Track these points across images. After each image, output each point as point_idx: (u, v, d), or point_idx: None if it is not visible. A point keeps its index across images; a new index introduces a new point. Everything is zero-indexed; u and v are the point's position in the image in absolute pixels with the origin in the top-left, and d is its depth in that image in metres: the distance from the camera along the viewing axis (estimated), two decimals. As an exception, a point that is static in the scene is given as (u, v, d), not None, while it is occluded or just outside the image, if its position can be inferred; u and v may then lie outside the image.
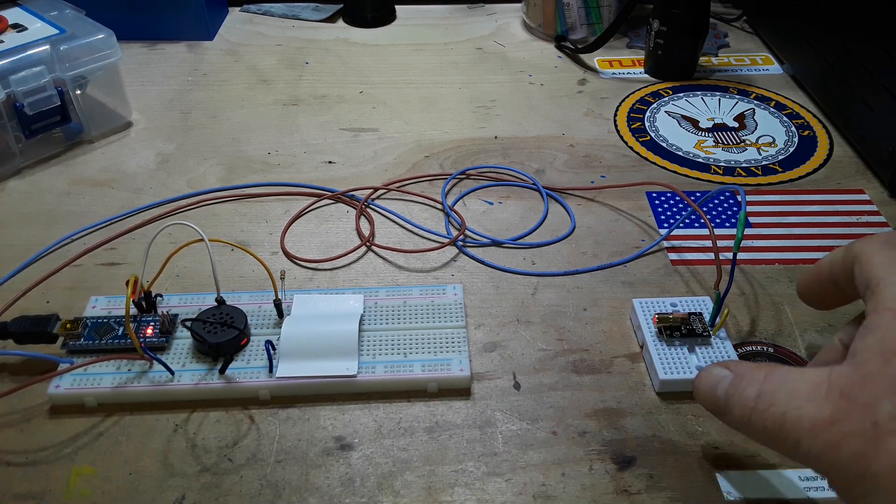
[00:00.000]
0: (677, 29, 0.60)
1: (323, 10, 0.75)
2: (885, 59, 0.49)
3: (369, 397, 0.36)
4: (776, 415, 0.25)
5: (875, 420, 0.22)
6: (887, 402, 0.22)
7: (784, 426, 0.25)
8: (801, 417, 0.24)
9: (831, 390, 0.24)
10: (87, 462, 0.33)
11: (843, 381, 0.24)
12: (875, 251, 0.27)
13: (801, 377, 0.26)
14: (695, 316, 0.38)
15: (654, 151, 0.54)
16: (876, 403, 0.23)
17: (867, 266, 0.27)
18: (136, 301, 0.37)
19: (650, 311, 0.38)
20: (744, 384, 0.28)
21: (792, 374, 0.26)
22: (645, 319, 0.38)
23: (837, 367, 0.25)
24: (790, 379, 0.26)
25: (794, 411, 0.25)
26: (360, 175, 0.51)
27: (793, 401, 0.25)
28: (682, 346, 0.37)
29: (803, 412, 0.24)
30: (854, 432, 0.23)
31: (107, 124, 0.55)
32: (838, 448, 0.23)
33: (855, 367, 0.24)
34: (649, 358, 0.37)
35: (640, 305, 0.39)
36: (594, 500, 0.31)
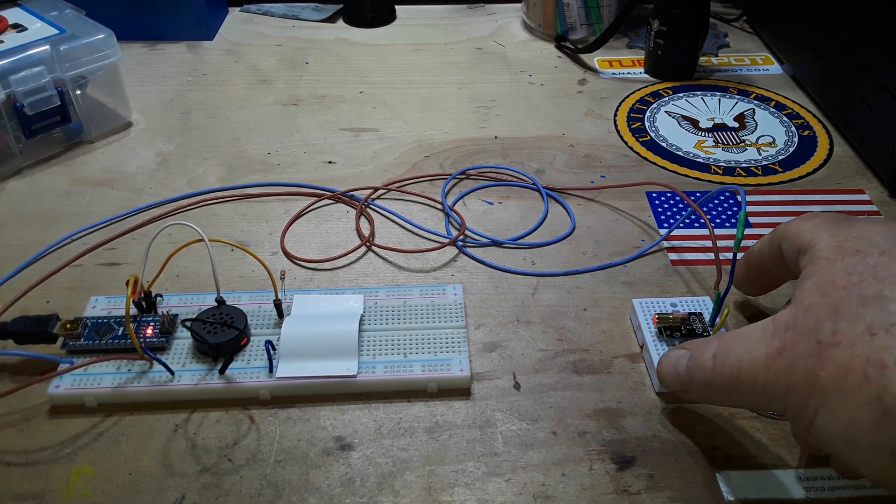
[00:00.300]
0: (677, 29, 0.60)
1: (323, 10, 0.75)
2: (885, 59, 0.49)
3: (369, 397, 0.36)
4: (733, 363, 0.28)
5: (818, 339, 0.25)
6: (828, 322, 0.25)
7: (741, 371, 0.28)
8: (755, 357, 0.27)
9: (777, 327, 0.27)
10: (87, 462, 0.33)
11: (786, 318, 0.27)
12: (799, 224, 0.31)
13: (750, 328, 0.29)
14: (695, 316, 0.38)
15: (654, 151, 0.54)
16: (818, 326, 0.26)
17: (796, 237, 0.31)
18: (136, 301, 0.37)
19: (650, 312, 0.38)
20: (700, 353, 0.30)
21: (742, 329, 0.29)
22: (645, 319, 0.38)
23: (781, 312, 0.28)
24: (741, 332, 0.29)
25: (748, 354, 0.28)
26: (360, 175, 0.51)
27: (745, 345, 0.28)
28: None
29: (756, 353, 0.27)
30: (801, 354, 0.26)
31: (107, 124, 0.55)
32: (790, 370, 0.26)
33: (796, 305, 0.27)
34: (649, 358, 0.37)
35: (640, 305, 0.39)
36: (594, 500, 0.31)
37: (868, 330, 0.24)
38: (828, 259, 0.28)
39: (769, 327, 0.28)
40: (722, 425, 0.34)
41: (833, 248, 0.28)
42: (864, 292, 0.25)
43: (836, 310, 0.25)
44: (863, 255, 0.27)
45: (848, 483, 0.32)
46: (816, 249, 0.29)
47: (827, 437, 0.25)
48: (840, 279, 0.26)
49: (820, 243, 0.29)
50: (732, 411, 0.35)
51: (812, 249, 0.29)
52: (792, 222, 0.33)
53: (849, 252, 0.27)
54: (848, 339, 0.24)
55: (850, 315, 0.25)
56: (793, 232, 0.32)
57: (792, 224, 0.32)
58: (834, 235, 0.29)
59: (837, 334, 0.25)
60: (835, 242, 0.28)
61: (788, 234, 0.32)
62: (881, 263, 0.26)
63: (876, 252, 0.26)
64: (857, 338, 0.24)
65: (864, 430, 0.24)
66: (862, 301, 0.25)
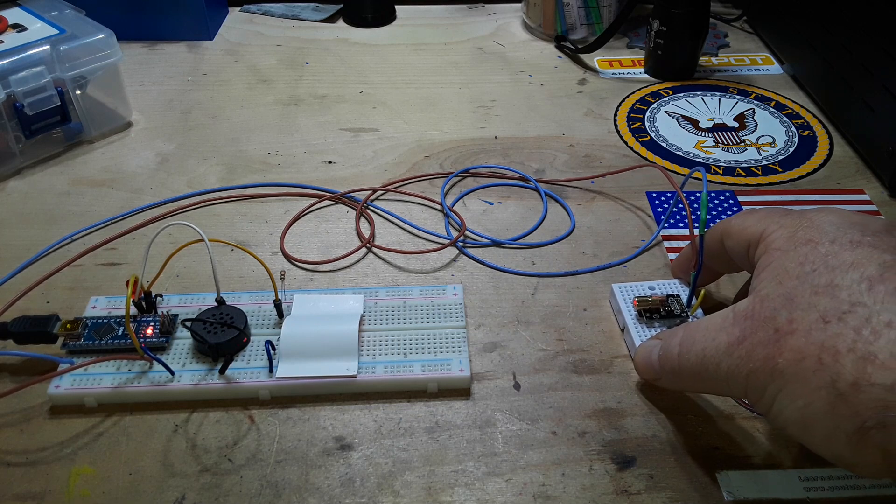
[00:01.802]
0: (677, 29, 0.60)
1: (323, 10, 0.75)
2: (885, 59, 0.49)
3: (369, 397, 0.36)
4: (697, 351, 0.30)
5: (776, 327, 0.26)
6: (784, 311, 0.26)
7: (706, 357, 0.29)
8: (718, 346, 0.28)
9: (737, 317, 0.28)
10: (87, 462, 0.33)
11: (745, 308, 0.28)
12: (743, 221, 0.33)
13: (712, 317, 0.30)
14: (673, 298, 0.38)
15: (654, 151, 0.54)
16: (775, 315, 0.27)
17: (742, 233, 0.32)
18: (136, 301, 0.37)
19: (630, 295, 0.39)
20: (668, 343, 0.32)
21: (704, 318, 0.30)
22: (625, 303, 0.39)
23: (740, 301, 0.29)
24: (703, 321, 0.30)
25: (711, 343, 0.29)
26: (360, 175, 0.51)
27: (708, 334, 0.29)
28: (662, 327, 0.37)
29: (718, 341, 0.29)
30: (760, 341, 0.27)
31: (107, 124, 0.55)
32: (750, 357, 0.27)
33: (753, 295, 0.28)
34: (630, 341, 0.37)
35: (619, 290, 0.40)
36: (594, 501, 0.31)
37: (822, 318, 0.25)
38: (781, 249, 0.29)
39: (729, 316, 0.29)
40: (722, 425, 0.34)
41: (786, 239, 0.29)
42: (816, 281, 0.26)
43: (792, 298, 0.27)
44: (814, 244, 0.28)
45: (848, 483, 0.32)
46: (770, 240, 0.30)
47: (785, 421, 0.26)
48: (794, 268, 0.27)
49: (773, 234, 0.30)
50: (732, 411, 0.35)
51: (765, 241, 0.30)
52: (732, 220, 0.33)
53: (801, 241, 0.28)
54: (803, 326, 0.26)
55: (804, 304, 0.26)
56: (737, 228, 0.33)
57: (734, 221, 0.33)
58: (785, 226, 0.30)
59: (793, 322, 0.26)
60: (787, 233, 0.29)
61: (731, 232, 0.33)
62: (832, 252, 0.27)
63: (826, 241, 0.28)
64: (812, 325, 0.25)
65: (820, 414, 0.25)
66: (815, 290, 0.26)
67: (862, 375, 0.24)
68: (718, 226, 0.35)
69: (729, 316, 0.29)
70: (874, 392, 0.23)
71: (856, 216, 0.29)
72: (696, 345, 0.30)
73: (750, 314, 0.28)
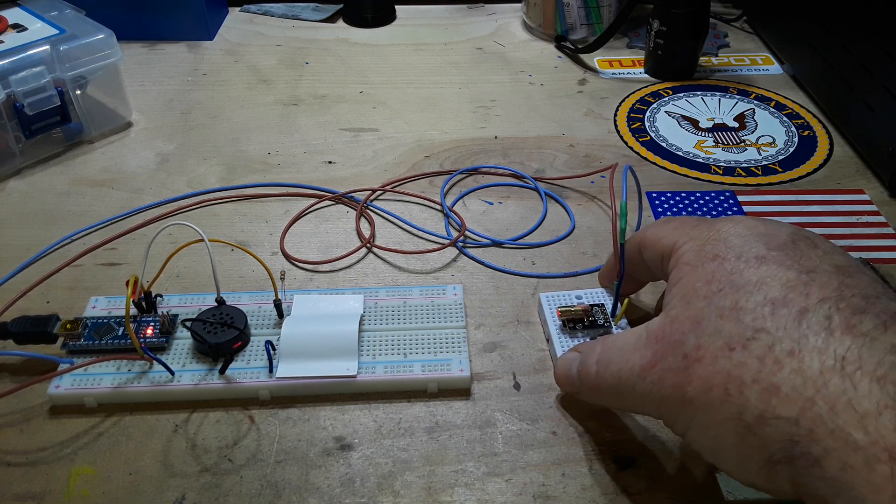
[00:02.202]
0: (677, 29, 0.60)
1: (323, 10, 0.75)
2: (885, 59, 0.49)
3: (369, 397, 0.36)
4: (613, 371, 0.29)
5: (685, 353, 0.26)
6: (692, 336, 0.26)
7: (621, 378, 0.29)
8: (633, 367, 0.28)
9: (649, 338, 0.28)
10: (87, 462, 0.33)
11: (655, 328, 0.28)
12: (657, 231, 0.32)
13: (627, 335, 0.29)
14: (597, 307, 0.38)
15: (654, 151, 0.54)
16: (683, 339, 0.26)
17: (657, 244, 0.32)
18: (136, 301, 0.37)
19: (555, 305, 0.39)
20: (586, 358, 0.31)
21: (620, 336, 0.30)
22: (550, 313, 0.38)
23: (652, 320, 0.29)
24: (619, 340, 0.30)
25: (626, 364, 0.28)
26: (361, 175, 0.51)
27: (622, 356, 0.29)
28: (585, 337, 0.37)
29: (633, 363, 0.28)
30: (670, 368, 0.26)
31: (107, 124, 0.55)
32: (662, 383, 0.26)
33: (664, 314, 0.28)
34: (553, 351, 0.37)
35: (546, 299, 0.39)
36: (594, 501, 0.31)
37: (727, 345, 0.25)
38: (690, 264, 0.28)
39: (643, 336, 0.28)
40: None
41: (695, 253, 0.28)
42: (721, 303, 0.26)
43: (699, 322, 0.26)
44: (721, 260, 0.27)
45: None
46: (679, 254, 0.29)
47: (698, 448, 0.26)
48: (701, 288, 0.27)
49: (682, 247, 0.29)
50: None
51: (675, 254, 0.30)
52: (648, 229, 0.33)
53: (709, 257, 0.28)
54: (709, 354, 0.25)
55: (710, 329, 0.25)
56: (651, 239, 0.32)
57: (649, 231, 0.33)
58: (694, 239, 0.29)
59: (700, 349, 0.25)
60: (696, 246, 0.29)
61: (647, 243, 0.32)
62: (737, 269, 0.26)
63: (732, 256, 0.27)
64: (718, 353, 0.25)
65: (729, 444, 0.24)
66: (720, 313, 0.25)
67: (767, 408, 0.23)
68: (637, 236, 0.34)
69: (642, 336, 0.28)
70: (780, 425, 0.23)
71: (763, 225, 0.28)
72: (612, 365, 0.29)
73: (661, 336, 0.27)
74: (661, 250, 0.31)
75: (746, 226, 0.28)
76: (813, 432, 0.22)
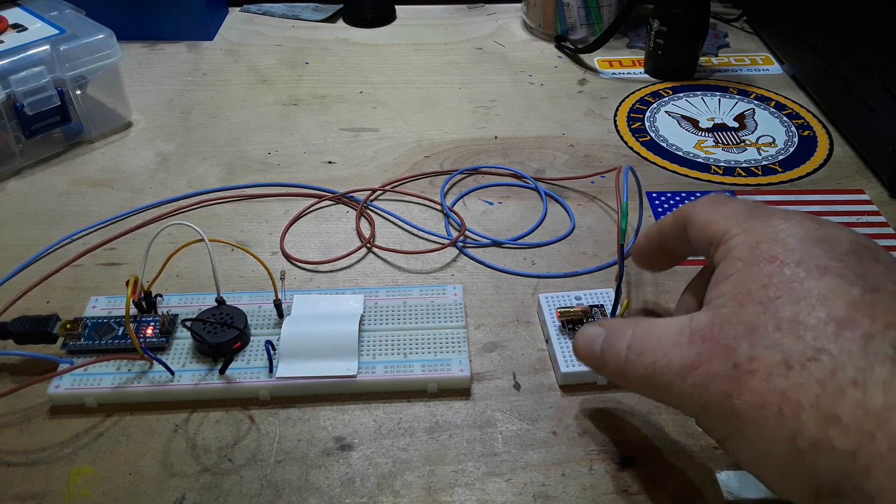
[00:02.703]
0: (677, 29, 0.60)
1: (323, 10, 0.75)
2: (885, 59, 0.49)
3: (369, 397, 0.36)
4: (647, 363, 0.27)
5: (735, 361, 0.24)
6: (745, 343, 0.24)
7: (655, 372, 0.27)
8: (670, 363, 0.26)
9: (693, 335, 0.26)
10: (87, 462, 0.33)
11: (702, 326, 0.26)
12: (708, 213, 0.30)
13: (665, 325, 0.28)
14: (596, 308, 0.38)
15: (654, 151, 0.54)
16: (734, 345, 0.25)
17: (705, 228, 0.30)
18: (136, 301, 0.37)
19: (554, 306, 0.39)
20: (614, 338, 0.30)
21: (657, 324, 0.28)
22: (550, 314, 0.38)
23: (697, 314, 0.27)
24: (655, 328, 0.28)
25: (663, 358, 0.27)
26: (361, 175, 0.51)
27: (660, 348, 0.27)
28: None
29: (671, 358, 0.26)
30: (718, 374, 0.25)
31: (107, 124, 0.55)
32: (706, 388, 0.25)
33: (712, 312, 0.26)
34: (552, 352, 0.37)
35: (546, 300, 0.39)
36: (594, 500, 0.31)
37: (784, 362, 0.23)
38: (744, 261, 0.26)
39: (685, 332, 0.27)
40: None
41: (749, 249, 0.27)
42: (781, 314, 0.24)
43: (754, 329, 0.24)
44: (780, 264, 0.25)
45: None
46: (731, 246, 0.27)
47: (738, 458, 0.25)
48: (757, 290, 0.25)
49: (734, 240, 0.28)
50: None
51: (726, 245, 0.28)
52: (698, 208, 0.31)
53: (764, 258, 0.26)
54: (764, 367, 0.24)
55: (766, 340, 0.24)
56: (701, 221, 0.30)
57: (699, 210, 0.31)
58: (748, 232, 0.27)
59: (754, 360, 0.24)
60: (750, 242, 0.27)
61: (696, 223, 0.30)
62: (797, 277, 0.25)
63: (792, 261, 0.25)
64: (774, 369, 0.23)
65: (776, 465, 0.23)
66: (778, 324, 0.24)
67: (823, 437, 0.22)
68: (685, 211, 0.31)
69: (684, 330, 0.26)
70: (835, 458, 0.22)
71: (821, 228, 0.27)
72: (646, 355, 0.27)
73: (708, 336, 0.25)
74: (709, 235, 0.29)
75: (804, 227, 0.26)
76: (869, 470, 0.21)
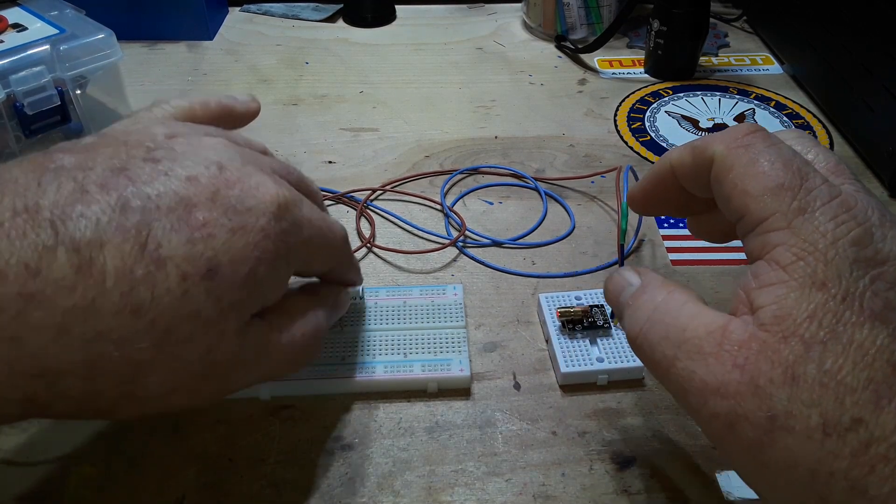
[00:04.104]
0: (677, 29, 0.60)
1: (323, 10, 0.75)
2: (885, 59, 0.49)
3: (369, 397, 0.36)
4: (666, 354, 0.25)
5: (771, 413, 0.23)
6: (783, 395, 0.22)
7: (671, 370, 0.25)
8: (693, 373, 0.24)
9: (724, 350, 0.24)
10: (87, 462, 0.33)
11: (737, 343, 0.23)
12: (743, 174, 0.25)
13: (696, 316, 0.25)
14: (596, 308, 0.38)
15: (655, 151, 0.54)
16: (772, 391, 0.23)
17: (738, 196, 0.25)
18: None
19: (554, 306, 0.39)
20: (643, 300, 0.27)
21: (688, 308, 0.25)
22: (550, 314, 0.38)
23: (734, 322, 0.24)
24: (684, 313, 0.25)
25: (684, 357, 0.24)
26: (361, 175, 0.51)
27: (682, 340, 0.25)
28: (584, 338, 0.37)
29: (695, 367, 0.24)
30: (748, 418, 0.23)
31: (107, 124, 0.54)
32: (732, 427, 0.23)
33: (752, 331, 0.23)
34: (552, 351, 0.37)
35: (546, 300, 0.39)
36: (594, 500, 0.31)
37: (822, 427, 0.22)
38: (788, 273, 0.23)
39: (716, 337, 0.24)
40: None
41: (793, 259, 0.23)
42: (824, 365, 0.22)
43: (795, 380, 0.22)
44: (827, 294, 0.23)
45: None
46: (770, 243, 0.24)
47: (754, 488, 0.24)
48: (803, 323, 0.23)
49: (775, 236, 0.24)
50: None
51: (764, 237, 0.24)
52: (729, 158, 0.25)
53: (813, 281, 0.23)
54: (802, 428, 0.22)
55: (807, 395, 0.22)
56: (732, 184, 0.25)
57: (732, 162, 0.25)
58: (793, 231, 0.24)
59: (792, 418, 0.22)
60: (795, 249, 0.23)
61: (725, 182, 0.26)
62: (843, 317, 0.22)
63: (840, 294, 0.23)
64: (811, 433, 0.22)
65: None
66: (821, 379, 0.22)
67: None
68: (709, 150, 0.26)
69: (717, 335, 0.24)
70: None
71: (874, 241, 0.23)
72: (665, 345, 0.25)
73: (741, 363, 0.23)
74: (741, 209, 0.25)
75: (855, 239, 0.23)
76: None
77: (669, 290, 0.27)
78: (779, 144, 0.25)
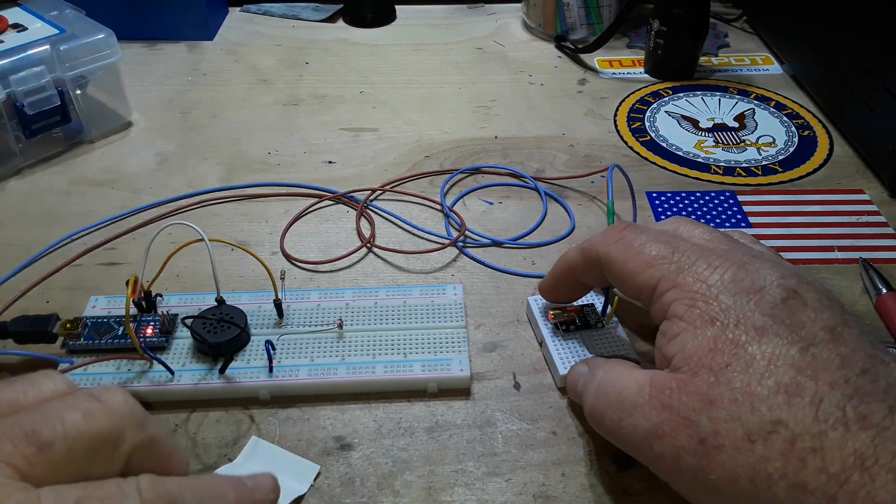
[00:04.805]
0: (677, 29, 0.60)
1: (323, 10, 0.75)
2: (885, 59, 0.49)
3: (369, 397, 0.36)
4: (613, 419, 0.28)
5: (701, 437, 0.25)
6: (705, 418, 0.25)
7: (622, 431, 0.28)
8: (636, 426, 0.27)
9: (653, 398, 0.27)
10: (87, 462, 0.33)
11: (660, 391, 0.27)
12: (625, 261, 0.30)
13: (625, 377, 0.29)
14: (588, 308, 0.38)
15: (654, 151, 0.54)
16: (696, 419, 0.25)
17: (628, 279, 0.30)
18: (136, 301, 0.37)
19: (542, 307, 0.38)
20: (590, 381, 0.31)
21: (618, 375, 0.29)
22: (542, 316, 0.38)
23: (657, 373, 0.28)
24: (618, 380, 0.29)
25: (628, 417, 0.28)
26: (361, 175, 0.51)
27: (622, 404, 0.28)
28: (578, 338, 0.37)
29: (636, 421, 0.27)
30: (686, 449, 0.26)
31: (107, 124, 0.55)
32: (676, 462, 0.26)
33: (669, 375, 0.27)
34: (548, 354, 0.37)
35: (535, 302, 0.39)
36: (594, 500, 0.31)
37: (747, 436, 0.24)
38: (685, 321, 0.27)
39: (644, 388, 0.27)
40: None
41: (686, 308, 0.27)
42: (733, 384, 0.25)
43: (711, 402, 0.25)
44: (720, 327, 0.26)
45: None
46: (665, 302, 0.28)
47: None
48: (705, 357, 0.26)
49: (667, 296, 0.28)
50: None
51: (660, 301, 0.29)
52: (612, 253, 0.31)
53: (704, 319, 0.27)
54: (730, 443, 0.25)
55: (725, 414, 0.25)
56: (621, 272, 0.30)
57: (615, 256, 0.31)
58: (680, 287, 0.28)
59: (719, 436, 0.25)
60: (685, 300, 0.28)
61: (616, 273, 0.31)
62: (739, 341, 0.26)
63: (731, 323, 0.26)
64: (739, 443, 0.24)
65: None
66: (733, 396, 0.25)
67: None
68: (595, 251, 0.32)
69: (644, 388, 0.27)
70: None
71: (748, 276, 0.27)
72: (611, 410, 0.28)
73: (667, 403, 0.26)
74: (635, 288, 0.30)
75: (731, 277, 0.27)
76: None
77: (609, 365, 0.31)
78: (647, 230, 0.31)
